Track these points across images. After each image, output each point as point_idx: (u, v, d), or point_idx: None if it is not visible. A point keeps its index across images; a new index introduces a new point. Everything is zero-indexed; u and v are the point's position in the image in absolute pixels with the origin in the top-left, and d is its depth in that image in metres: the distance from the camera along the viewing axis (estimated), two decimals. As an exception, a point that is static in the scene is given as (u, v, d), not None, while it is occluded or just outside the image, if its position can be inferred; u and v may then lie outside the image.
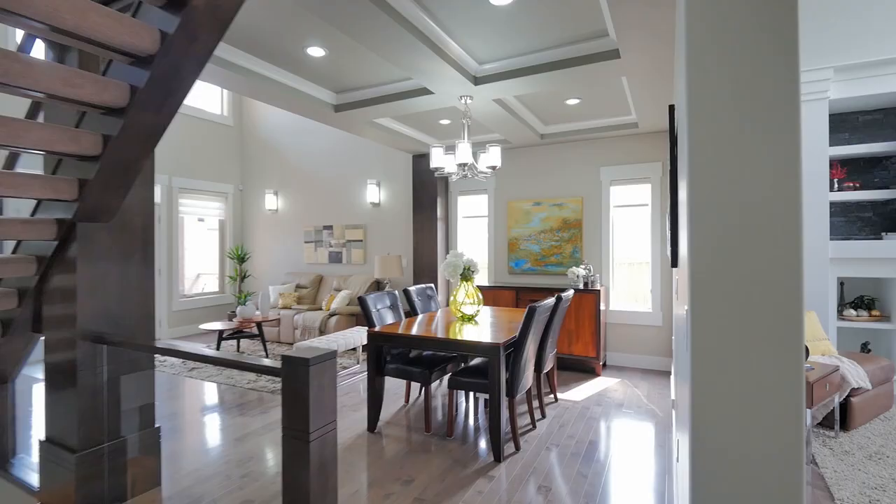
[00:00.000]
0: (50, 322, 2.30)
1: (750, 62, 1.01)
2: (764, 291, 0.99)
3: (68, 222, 2.17)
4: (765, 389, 0.99)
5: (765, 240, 1.00)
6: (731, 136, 1.03)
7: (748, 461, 1.01)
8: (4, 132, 1.70)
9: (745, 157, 1.02)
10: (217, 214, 7.52)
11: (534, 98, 4.01)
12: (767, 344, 0.98)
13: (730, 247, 1.03)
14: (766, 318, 0.99)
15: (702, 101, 1.05)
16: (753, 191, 1.01)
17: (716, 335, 1.03)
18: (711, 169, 1.04)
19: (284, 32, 2.92)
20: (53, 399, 2.29)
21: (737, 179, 1.02)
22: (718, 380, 1.03)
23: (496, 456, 2.81)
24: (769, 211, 1.00)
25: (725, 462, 1.03)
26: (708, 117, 1.05)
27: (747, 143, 1.01)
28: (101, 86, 1.82)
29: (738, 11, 1.02)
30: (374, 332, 3.26)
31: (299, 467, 1.49)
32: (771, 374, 0.98)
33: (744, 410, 1.01)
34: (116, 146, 1.97)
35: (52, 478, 2.25)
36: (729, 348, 1.02)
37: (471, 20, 2.75)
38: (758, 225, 1.01)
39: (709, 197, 1.05)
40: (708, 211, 1.05)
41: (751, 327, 1.00)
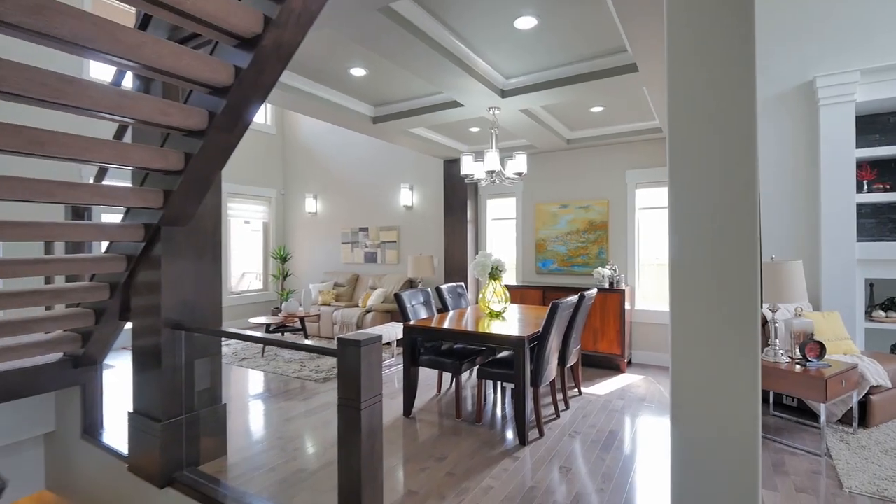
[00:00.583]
0: (137, 311, 2.70)
1: (714, 100, 1.23)
2: (726, 285, 1.21)
3: (154, 226, 2.55)
4: (728, 368, 1.21)
5: (727, 242, 1.22)
6: (700, 154, 1.25)
7: (715, 426, 1.23)
8: (115, 153, 2.08)
9: (711, 173, 1.24)
10: (261, 217, 8.03)
11: (559, 106, 4.22)
12: (730, 327, 1.20)
13: (700, 247, 1.25)
14: (727, 307, 1.21)
15: (679, 127, 1.28)
16: (719, 201, 1.23)
17: (691, 322, 1.25)
18: (686, 187, 1.27)
19: (331, 56, 3.26)
20: (140, 377, 2.68)
21: (705, 193, 1.25)
22: (693, 357, 1.25)
23: (521, 440, 3.06)
24: (730, 215, 1.22)
25: (699, 426, 1.25)
26: (684, 140, 1.27)
27: (713, 160, 1.23)
28: (186, 113, 2.18)
29: (706, 51, 1.25)
30: (409, 325, 3.56)
31: (353, 431, 1.79)
32: (732, 353, 1.20)
33: (711, 385, 1.23)
34: (196, 162, 2.33)
35: (140, 445, 2.64)
36: (699, 332, 1.24)
37: (496, 41, 3.01)
38: (720, 228, 1.22)
39: (684, 204, 1.27)
40: (682, 213, 1.27)
41: (715, 312, 1.22)
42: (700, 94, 1.24)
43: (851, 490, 2.48)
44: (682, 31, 1.26)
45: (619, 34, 2.93)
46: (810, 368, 3.05)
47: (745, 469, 1.17)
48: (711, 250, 1.22)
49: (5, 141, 1.76)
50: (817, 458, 2.86)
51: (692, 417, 1.25)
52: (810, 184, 4.41)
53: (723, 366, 1.21)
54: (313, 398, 4.02)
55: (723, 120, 1.20)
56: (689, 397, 1.25)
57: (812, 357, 3.16)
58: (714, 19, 1.21)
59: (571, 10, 2.67)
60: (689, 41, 1.25)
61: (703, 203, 1.23)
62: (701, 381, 1.24)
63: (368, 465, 1.82)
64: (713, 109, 1.22)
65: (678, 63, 1.26)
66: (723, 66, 1.21)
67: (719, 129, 1.21)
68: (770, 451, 2.96)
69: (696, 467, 1.23)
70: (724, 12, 1.20)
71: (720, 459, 1.20)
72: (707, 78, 1.22)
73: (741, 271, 1.18)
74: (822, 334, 3.67)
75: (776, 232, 4.53)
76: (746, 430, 1.18)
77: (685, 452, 1.26)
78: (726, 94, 1.20)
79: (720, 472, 1.21)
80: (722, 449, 1.21)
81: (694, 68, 1.25)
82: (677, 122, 1.27)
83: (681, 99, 1.26)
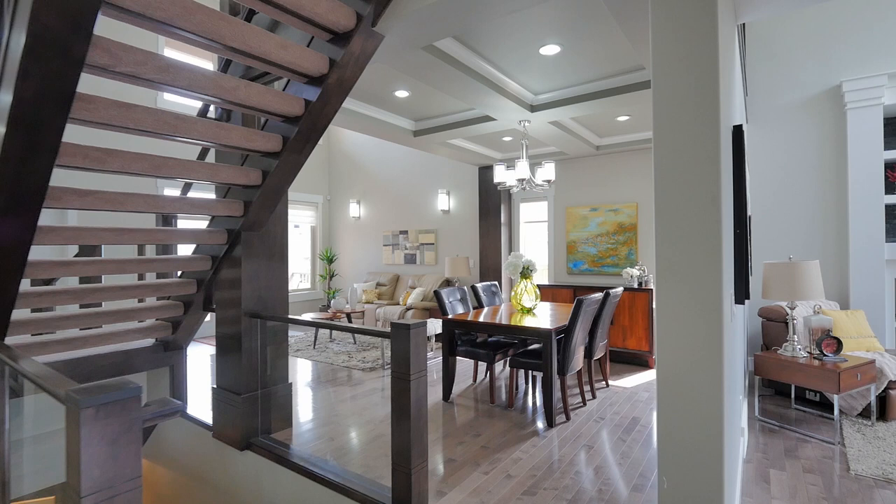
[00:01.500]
0: (221, 303, 3.21)
1: (690, 124, 1.54)
2: (697, 278, 1.52)
3: (235, 231, 3.05)
4: (698, 346, 1.52)
5: (697, 243, 1.53)
6: (677, 175, 1.57)
7: (689, 396, 1.53)
8: (210, 172, 2.57)
9: (687, 183, 1.55)
10: (309, 221, 8.64)
11: (586, 116, 4.51)
12: (701, 309, 1.51)
13: (677, 254, 1.57)
14: (698, 294, 1.52)
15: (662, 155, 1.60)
16: (691, 206, 1.54)
17: (671, 307, 1.57)
18: (668, 196, 1.58)
19: (378, 82, 3.70)
20: (223, 358, 3.19)
21: (682, 199, 1.56)
22: (672, 341, 1.57)
23: (549, 422, 3.38)
24: (700, 218, 1.53)
25: (677, 396, 1.56)
26: (668, 158, 1.59)
27: (689, 173, 1.54)
28: (266, 139, 2.65)
29: (683, 87, 1.56)
30: (448, 319, 3.95)
31: (403, 398, 2.19)
32: (702, 333, 1.51)
33: (686, 361, 1.54)
34: (271, 178, 2.80)
35: (223, 414, 3.14)
36: (677, 314, 1.55)
37: (524, 65, 3.36)
38: (693, 233, 1.53)
39: (666, 210, 1.59)
40: (665, 218, 1.59)
41: (689, 300, 1.53)
42: (677, 126, 1.56)
43: (858, 473, 2.68)
44: (664, 82, 1.58)
45: (636, 55, 3.21)
46: (827, 362, 3.23)
47: (711, 426, 1.48)
48: (686, 255, 1.53)
49: (137, 166, 2.27)
50: (831, 446, 3.04)
51: (672, 393, 1.56)
52: (839, 186, 4.51)
53: (694, 347, 1.52)
54: (360, 385, 4.47)
55: (692, 146, 1.52)
56: (670, 377, 1.57)
57: (829, 352, 3.33)
58: (687, 70, 1.53)
59: (591, 39, 2.98)
60: (668, 95, 1.57)
61: (680, 215, 1.55)
62: (678, 361, 1.55)
63: (416, 427, 2.21)
64: (687, 140, 1.54)
65: (661, 102, 1.59)
66: (694, 103, 1.52)
67: (690, 156, 1.53)
68: (785, 440, 3.16)
69: (675, 423, 1.55)
70: (694, 61, 1.52)
71: (690, 420, 1.51)
72: (682, 114, 1.54)
73: (708, 271, 1.48)
74: (846, 332, 3.80)
75: (804, 232, 4.64)
76: (712, 404, 1.49)
77: (667, 413, 1.57)
78: (696, 126, 1.52)
79: (691, 427, 1.52)
80: (692, 411, 1.52)
81: (674, 105, 1.57)
82: (661, 154, 1.59)
83: (665, 135, 1.58)
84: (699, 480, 1.48)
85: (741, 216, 1.97)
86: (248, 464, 2.98)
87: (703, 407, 1.48)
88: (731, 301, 1.83)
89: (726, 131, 1.86)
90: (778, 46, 4.75)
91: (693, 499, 1.48)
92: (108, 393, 1.14)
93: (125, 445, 1.17)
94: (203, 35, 1.97)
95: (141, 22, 1.85)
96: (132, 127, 2.09)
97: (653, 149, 1.60)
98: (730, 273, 1.71)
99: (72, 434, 1.15)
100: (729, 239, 1.75)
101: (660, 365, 1.57)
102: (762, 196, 4.82)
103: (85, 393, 1.11)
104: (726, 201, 1.60)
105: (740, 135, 1.95)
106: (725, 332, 1.49)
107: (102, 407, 1.14)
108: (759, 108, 4.84)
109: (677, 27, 1.54)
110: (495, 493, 2.46)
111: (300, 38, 2.56)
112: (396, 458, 2.24)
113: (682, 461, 1.51)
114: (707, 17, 1.49)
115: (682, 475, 1.51)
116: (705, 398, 1.47)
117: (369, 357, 5.54)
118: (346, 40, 2.36)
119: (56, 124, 1.83)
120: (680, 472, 1.51)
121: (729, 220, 1.70)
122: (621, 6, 2.23)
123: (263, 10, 2.08)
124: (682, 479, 1.51)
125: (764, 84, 4.82)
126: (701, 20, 1.50)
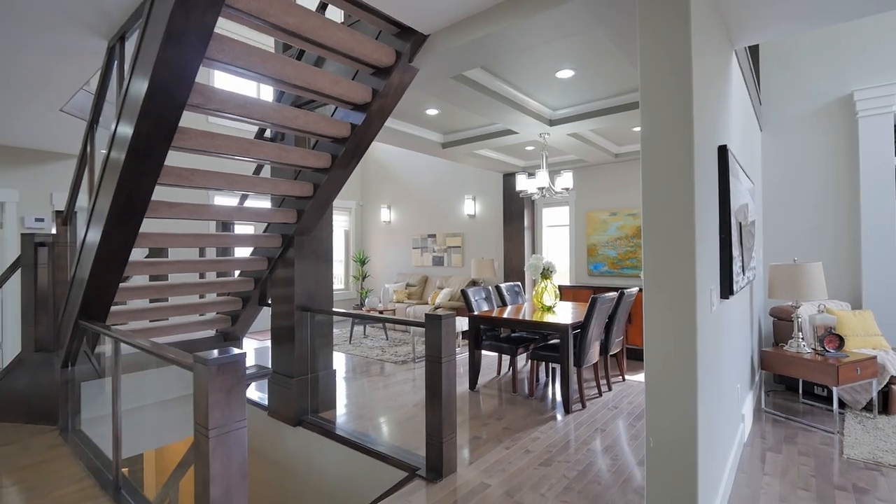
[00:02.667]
0: (276, 299, 3.68)
1: (670, 150, 1.88)
2: (675, 279, 1.85)
3: (289, 237, 3.51)
4: (678, 334, 1.84)
5: (675, 252, 1.86)
6: (659, 186, 1.90)
7: (670, 374, 1.86)
8: (271, 186, 3.03)
9: (667, 200, 1.88)
10: (343, 225, 9.17)
11: (604, 128, 4.82)
12: (679, 305, 1.84)
13: (658, 252, 1.90)
14: (677, 288, 1.85)
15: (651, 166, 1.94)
16: (670, 213, 1.88)
17: (656, 302, 1.90)
18: (652, 212, 1.92)
19: (410, 102, 4.12)
20: (278, 346, 3.65)
21: (663, 214, 1.90)
22: (658, 323, 1.90)
23: (566, 409, 3.71)
24: (678, 230, 1.86)
25: (660, 374, 1.89)
26: (651, 178, 1.93)
27: (668, 191, 1.88)
28: (318, 157, 3.09)
29: (661, 118, 1.90)
30: (473, 315, 4.33)
31: (436, 378, 2.58)
32: (680, 324, 1.84)
33: (667, 345, 1.87)
34: (321, 191, 3.24)
35: (277, 395, 3.61)
36: (661, 308, 1.89)
37: (542, 86, 3.72)
38: (672, 242, 1.86)
39: (651, 223, 1.93)
40: (649, 229, 1.93)
41: (670, 293, 1.86)
42: (660, 151, 1.90)
43: (849, 457, 2.92)
44: (648, 114, 1.93)
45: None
46: (828, 357, 3.46)
47: (686, 398, 1.81)
48: (666, 262, 1.87)
49: (216, 182, 2.74)
50: (830, 435, 3.28)
51: (657, 371, 1.90)
52: (851, 191, 4.67)
53: (674, 335, 1.85)
54: (393, 376, 4.89)
55: (672, 168, 1.86)
56: (655, 360, 1.91)
57: (831, 348, 3.56)
58: (667, 103, 1.87)
59: (602, 63, 3.32)
60: (650, 124, 1.92)
61: (661, 228, 1.89)
62: (662, 345, 1.89)
63: (447, 403, 2.60)
64: (667, 164, 1.88)
65: (646, 130, 1.93)
66: (672, 132, 1.86)
67: (669, 177, 1.86)
68: (787, 429, 3.41)
69: (659, 395, 1.88)
70: (671, 96, 1.86)
71: (671, 392, 1.84)
72: (662, 141, 1.89)
73: (685, 273, 1.82)
74: (853, 330, 3.99)
75: (817, 235, 4.82)
76: (687, 380, 1.82)
77: (653, 388, 1.91)
78: (674, 151, 1.86)
79: (671, 398, 1.85)
80: (672, 386, 1.85)
81: (655, 133, 1.91)
82: (646, 173, 1.93)
83: (649, 158, 1.92)
84: (678, 440, 1.81)
85: (726, 222, 2.28)
86: (300, 438, 3.43)
87: (680, 382, 1.81)
88: (714, 297, 2.14)
89: (711, 151, 2.19)
90: (791, 58, 4.95)
91: (673, 454, 1.82)
92: (225, 356, 1.57)
93: (236, 395, 1.60)
94: (274, 77, 2.42)
95: (228, 69, 2.31)
96: (215, 151, 2.56)
97: (640, 171, 1.94)
98: (705, 276, 2.02)
99: (200, 386, 1.58)
100: (711, 246, 2.08)
101: (647, 349, 1.91)
102: (776, 200, 5.02)
103: (210, 356, 1.54)
104: (702, 215, 1.92)
105: (725, 153, 2.26)
106: (699, 323, 1.82)
107: (222, 366, 1.57)
108: (774, 117, 5.04)
109: (659, 68, 1.88)
110: (515, 463, 2.83)
111: (345, 71, 2.99)
112: (430, 429, 2.63)
113: (665, 425, 1.84)
114: (682, 59, 1.83)
115: (665, 436, 1.84)
116: (682, 376, 1.81)
117: (400, 352, 5.96)
118: (387, 74, 2.78)
119: (161, 152, 2.31)
120: (663, 434, 1.85)
121: (707, 230, 2.02)
122: (621, 41, 2.57)
123: (320, 52, 2.52)
124: (665, 439, 1.84)
125: (778, 94, 5.02)
126: (677, 60, 1.84)
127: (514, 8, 2.35)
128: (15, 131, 4.67)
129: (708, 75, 2.14)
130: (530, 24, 2.36)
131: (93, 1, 2.44)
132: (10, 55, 3.00)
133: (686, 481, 1.79)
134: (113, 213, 2.42)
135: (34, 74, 3.30)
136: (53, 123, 4.40)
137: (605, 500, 2.42)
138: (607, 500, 2.43)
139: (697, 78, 1.88)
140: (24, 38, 2.78)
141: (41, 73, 3.28)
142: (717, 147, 2.28)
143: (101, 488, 2.53)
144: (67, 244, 3.43)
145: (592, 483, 2.60)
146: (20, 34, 2.73)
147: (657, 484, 1.86)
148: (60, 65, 3.18)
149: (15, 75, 3.30)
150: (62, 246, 3.44)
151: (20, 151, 5.26)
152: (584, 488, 2.54)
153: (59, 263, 3.45)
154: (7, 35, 2.73)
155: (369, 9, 2.46)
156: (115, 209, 2.42)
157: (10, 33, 2.72)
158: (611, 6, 2.19)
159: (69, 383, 3.29)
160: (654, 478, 1.87)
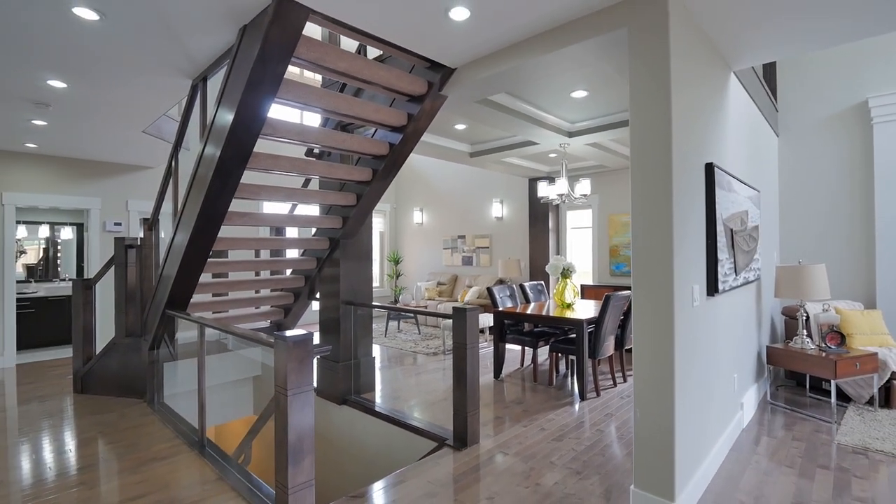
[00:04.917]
0: (324, 294, 4.21)
1: (653, 162, 2.25)
2: (656, 273, 2.22)
3: (335, 240, 4.04)
4: (658, 321, 2.22)
5: (655, 249, 2.23)
6: (645, 202, 2.28)
7: (652, 358, 2.24)
8: (321, 197, 3.55)
9: (651, 214, 2.26)
10: (378, 227, 9.74)
11: (622, 137, 5.14)
12: (660, 297, 2.21)
13: (642, 257, 2.28)
14: (657, 287, 2.22)
15: (639, 180, 2.31)
16: (652, 221, 2.25)
17: (641, 291, 2.28)
18: (639, 223, 2.30)
19: (441, 120, 4.58)
20: (325, 336, 4.19)
21: (647, 216, 2.27)
22: (646, 315, 2.28)
23: (581, 396, 4.09)
24: (657, 230, 2.23)
25: (645, 357, 2.27)
26: (638, 194, 2.31)
27: (652, 206, 2.25)
28: (361, 172, 3.59)
29: (645, 142, 2.27)
30: (498, 311, 4.75)
31: (463, 363, 3.03)
32: (660, 315, 2.21)
33: (651, 334, 2.25)
34: (364, 200, 3.75)
35: (325, 377, 4.14)
36: (648, 302, 2.26)
37: (559, 104, 4.10)
38: (653, 248, 2.24)
39: (638, 232, 2.31)
40: (637, 237, 2.31)
41: (654, 289, 2.24)
42: (647, 169, 2.28)
43: (840, 443, 3.19)
44: (636, 137, 2.31)
45: (656, 92, 3.87)
46: (830, 353, 3.71)
47: (665, 378, 2.18)
48: (649, 266, 2.25)
49: (277, 195, 3.28)
50: (827, 424, 3.53)
51: (643, 355, 2.28)
52: (865, 195, 4.83)
53: (655, 326, 2.23)
54: (424, 366, 5.37)
55: (654, 186, 2.24)
56: (643, 346, 2.29)
57: (833, 344, 3.80)
58: (650, 130, 2.25)
59: (611, 88, 3.69)
60: (637, 145, 2.30)
61: (645, 236, 2.27)
62: (646, 333, 2.27)
63: (471, 382, 3.05)
64: (651, 181, 2.26)
65: (634, 151, 2.32)
66: (653, 150, 2.24)
67: (652, 193, 2.24)
68: (787, 418, 3.68)
69: (644, 376, 2.26)
70: (653, 127, 2.23)
71: (653, 373, 2.22)
72: (646, 161, 2.27)
73: (663, 272, 2.20)
74: (860, 329, 4.19)
75: (832, 237, 4.99)
76: (665, 362, 2.20)
77: (641, 368, 2.29)
78: (655, 171, 2.24)
79: (654, 378, 2.23)
80: (654, 367, 2.23)
81: (640, 155, 2.29)
82: (635, 189, 2.32)
83: (637, 176, 2.31)
84: (658, 413, 2.19)
85: (713, 230, 2.63)
86: (345, 415, 3.95)
87: (660, 364, 2.20)
88: (697, 294, 2.49)
89: (697, 167, 2.54)
90: (807, 67, 5.13)
91: (655, 424, 2.20)
92: (299, 335, 2.06)
93: (306, 364, 2.09)
94: (328, 109, 2.92)
95: (292, 105, 2.83)
96: (279, 170, 3.09)
97: (630, 188, 2.33)
98: (685, 274, 2.39)
99: (280, 358, 2.08)
100: (696, 249, 2.44)
101: (636, 334, 2.30)
102: (792, 203, 5.21)
103: (287, 335, 2.04)
104: (682, 223, 2.29)
105: (711, 170, 2.61)
106: (677, 314, 2.19)
107: (296, 342, 2.06)
108: (791, 123, 5.23)
109: (643, 99, 2.27)
110: (530, 438, 3.24)
111: (384, 99, 3.47)
112: (456, 404, 3.09)
113: (649, 400, 2.23)
114: (662, 91, 2.20)
115: (649, 409, 2.23)
116: (662, 359, 2.19)
117: (432, 345, 6.44)
118: (420, 101, 3.25)
119: (239, 172, 2.85)
120: (647, 407, 2.24)
121: (689, 236, 2.38)
122: (623, 71, 2.94)
123: (365, 87, 3.01)
124: (649, 412, 2.23)
125: (795, 101, 5.21)
126: (658, 92, 2.21)
127: (531, 47, 2.76)
128: (100, 148, 5.40)
129: (695, 101, 2.49)
130: (548, 59, 2.75)
131: (183, 48, 3.01)
132: (107, 91, 3.62)
133: (664, 445, 2.17)
134: (200, 221, 2.99)
135: (123, 104, 3.93)
136: (133, 141, 5.09)
137: (608, 469, 2.81)
138: (609, 468, 2.81)
139: (677, 106, 2.25)
140: (125, 78, 3.38)
141: (130, 102, 3.90)
142: (705, 164, 2.63)
143: (189, 446, 3.11)
144: (152, 246, 4.06)
145: (597, 455, 2.99)
146: (123, 75, 3.33)
147: (643, 450, 2.25)
148: (148, 97, 3.79)
149: (106, 104, 3.94)
150: (148, 248, 4.07)
151: (103, 165, 6.04)
152: (590, 459, 2.93)
153: (146, 263, 4.09)
154: (111, 77, 3.34)
155: (405, 50, 2.93)
156: (202, 217, 2.98)
157: (113, 75, 3.33)
158: (613, 44, 2.57)
159: (155, 363, 3.92)
160: (640, 444, 2.26)
